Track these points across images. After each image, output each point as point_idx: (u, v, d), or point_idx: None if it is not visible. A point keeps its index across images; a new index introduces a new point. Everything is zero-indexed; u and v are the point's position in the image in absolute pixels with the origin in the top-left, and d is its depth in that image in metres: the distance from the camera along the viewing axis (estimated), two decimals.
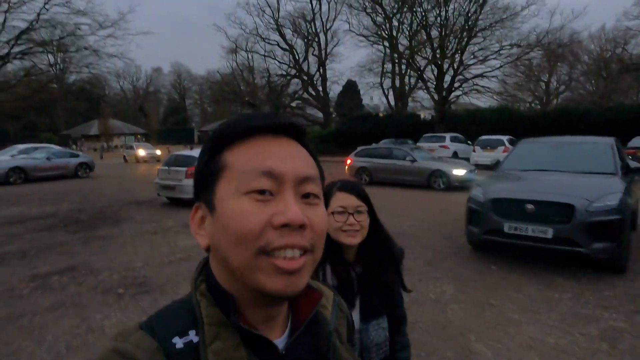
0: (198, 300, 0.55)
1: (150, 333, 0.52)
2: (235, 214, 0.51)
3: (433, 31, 26.45)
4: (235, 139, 0.55)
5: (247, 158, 0.53)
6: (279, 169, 0.52)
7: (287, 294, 0.52)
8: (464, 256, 5.63)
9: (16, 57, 11.81)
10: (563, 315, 3.82)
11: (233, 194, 0.52)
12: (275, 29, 34.83)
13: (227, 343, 0.52)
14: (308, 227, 0.53)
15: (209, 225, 0.55)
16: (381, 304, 1.33)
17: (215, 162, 0.55)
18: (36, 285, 4.81)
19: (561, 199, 4.65)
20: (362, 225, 1.28)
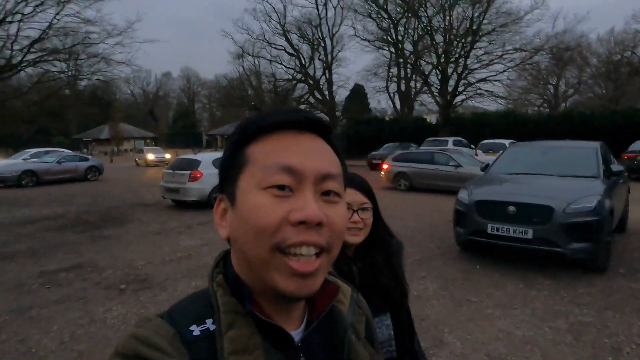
0: (215, 290, 0.56)
1: (169, 321, 0.53)
2: (254, 207, 0.52)
3: (437, 36, 26.64)
4: (260, 134, 0.56)
5: (270, 153, 0.54)
6: (300, 165, 0.53)
7: (300, 295, 0.53)
8: (451, 256, 5.85)
9: (29, 65, 12.28)
10: (536, 310, 4.03)
11: (254, 188, 0.53)
12: (282, 34, 35.25)
13: (243, 331, 0.52)
14: (326, 226, 0.53)
15: (230, 218, 0.56)
16: (383, 301, 1.30)
17: (239, 156, 0.56)
18: (44, 281, 5.13)
19: (540, 201, 4.86)
20: (366, 223, 1.26)
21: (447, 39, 25.76)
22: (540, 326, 3.71)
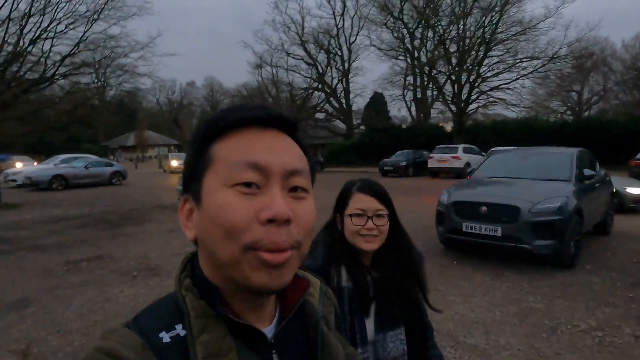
0: (183, 294, 0.54)
1: (136, 330, 0.52)
2: (221, 207, 0.50)
3: (452, 45, 26.99)
4: (224, 131, 0.54)
5: (235, 150, 0.53)
6: (266, 161, 0.52)
7: (271, 287, 0.52)
8: (433, 253, 6.31)
9: (61, 78, 13.40)
10: (494, 298, 4.49)
11: (220, 186, 0.51)
12: (300, 44, 36.24)
13: (215, 334, 0.51)
14: (294, 222, 0.52)
15: (196, 218, 0.55)
16: (399, 313, 1.23)
17: (203, 154, 0.54)
18: (68, 268, 5.87)
19: (508, 202, 5.31)
20: (382, 230, 1.21)
21: (461, 47, 26.07)
22: (492, 310, 4.18)
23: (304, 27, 36.36)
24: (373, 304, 1.23)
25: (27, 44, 11.94)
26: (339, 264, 1.23)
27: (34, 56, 12.45)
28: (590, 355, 3.27)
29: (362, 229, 1.20)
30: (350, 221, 1.22)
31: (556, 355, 3.29)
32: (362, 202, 1.22)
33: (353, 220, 1.22)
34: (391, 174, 20.99)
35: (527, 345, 3.44)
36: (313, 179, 0.60)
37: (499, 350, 3.39)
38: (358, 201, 1.23)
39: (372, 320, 1.22)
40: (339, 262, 1.24)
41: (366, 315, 1.21)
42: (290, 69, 36.77)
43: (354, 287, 1.21)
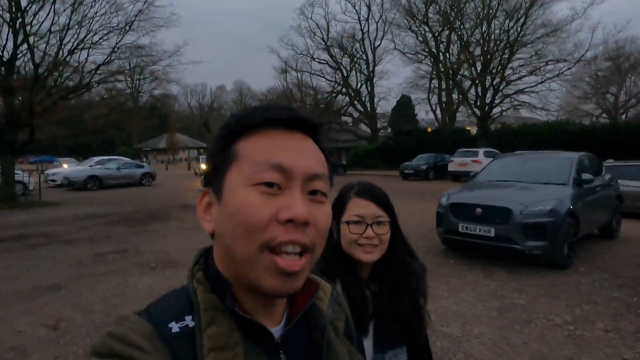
0: (194, 287, 0.55)
1: (147, 318, 0.53)
2: (243, 204, 0.51)
3: (476, 49, 26.85)
4: (250, 130, 0.55)
5: (260, 150, 0.54)
6: (289, 164, 0.53)
7: (283, 293, 0.53)
8: (434, 253, 6.58)
9: (96, 85, 14.41)
10: (480, 294, 4.75)
11: (242, 184, 0.52)
12: (325, 48, 36.78)
13: (223, 328, 0.52)
14: (312, 225, 0.53)
15: (216, 212, 0.56)
16: (400, 331, 1.14)
17: (228, 151, 0.55)
18: (96, 259, 6.50)
19: (501, 204, 5.54)
20: (382, 239, 1.11)
21: (485, 50, 25.90)
22: (475, 305, 4.45)
23: (329, 31, 36.92)
24: (372, 322, 1.12)
25: (65, 54, 12.99)
26: (333, 277, 1.12)
27: (72, 65, 13.51)
28: (556, 346, 3.51)
29: (360, 238, 1.09)
30: (348, 229, 1.11)
31: (523, 344, 3.56)
32: (361, 208, 1.11)
33: (350, 227, 1.11)
34: (412, 177, 21.14)
35: (499, 335, 3.72)
36: (331, 182, 0.60)
37: (470, 339, 3.68)
38: (356, 207, 1.12)
39: (371, 340, 1.10)
40: (333, 274, 1.12)
41: (364, 334, 1.09)
42: (315, 74, 37.40)
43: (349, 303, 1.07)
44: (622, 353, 3.37)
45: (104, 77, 14.16)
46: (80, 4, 12.69)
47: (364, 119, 38.28)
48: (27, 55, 12.57)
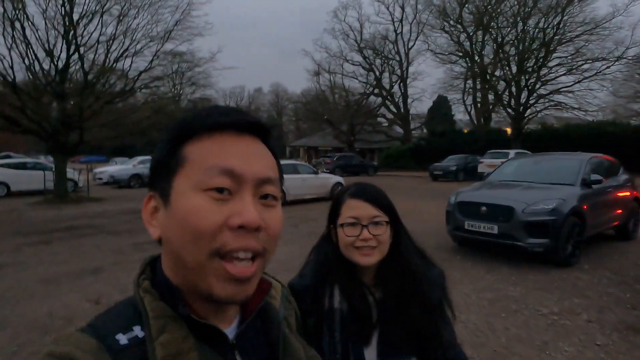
0: (142, 296, 0.54)
1: (91, 333, 0.51)
2: (192, 210, 0.50)
3: (511, 48, 26.37)
4: (198, 133, 0.54)
5: (209, 154, 0.52)
6: (240, 169, 0.52)
7: (235, 300, 0.53)
8: (444, 249, 6.87)
9: (139, 90, 15.59)
10: (478, 287, 5.05)
11: (191, 189, 0.51)
12: (358, 50, 37.12)
13: (175, 334, 0.51)
14: (263, 230, 0.52)
15: (163, 217, 0.54)
16: (407, 342, 1.05)
17: (175, 154, 0.54)
18: (134, 248, 7.26)
19: (504, 202, 5.79)
20: (380, 240, 1.05)
21: (520, 50, 25.40)
22: (470, 295, 4.77)
23: (362, 33, 37.22)
24: (376, 331, 1.04)
25: (111, 62, 14.16)
26: (333, 282, 1.08)
27: (117, 72, 14.68)
28: (535, 332, 3.80)
29: (357, 240, 1.04)
30: (343, 232, 1.07)
31: (504, 329, 3.87)
32: (355, 209, 1.06)
33: (346, 230, 1.06)
34: (441, 178, 21.12)
35: (483, 321, 4.04)
36: (282, 185, 0.59)
37: (456, 323, 4.00)
38: (351, 208, 1.07)
39: (374, 350, 1.03)
40: (332, 279, 1.08)
41: (366, 344, 1.03)
42: (348, 75, 37.82)
43: (349, 310, 1.04)
44: (595, 340, 3.63)
45: (146, 82, 15.28)
46: (125, 16, 13.84)
47: (397, 120, 38.31)
48: (77, 64, 13.84)
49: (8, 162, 17.24)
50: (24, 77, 13.95)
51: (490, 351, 3.47)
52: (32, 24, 12.80)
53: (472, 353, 3.43)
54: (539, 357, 3.35)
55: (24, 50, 12.82)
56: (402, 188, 18.56)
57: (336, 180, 14.52)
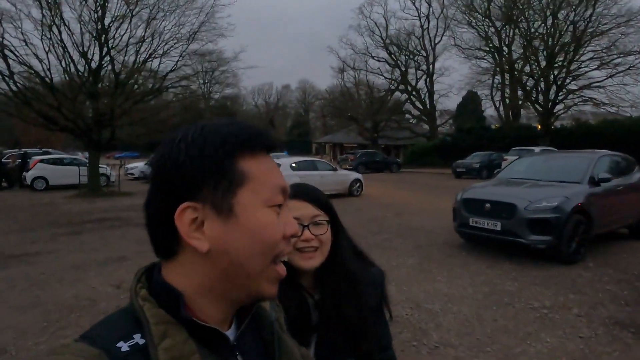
0: (141, 304, 0.55)
1: (89, 342, 0.51)
2: (265, 225, 0.55)
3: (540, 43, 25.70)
4: (253, 150, 0.57)
5: (267, 173, 0.57)
6: (287, 186, 0.60)
7: (275, 296, 0.60)
8: (452, 245, 7.01)
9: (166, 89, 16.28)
10: (476, 281, 5.20)
11: (260, 204, 0.55)
12: (383, 47, 37.00)
13: (177, 339, 0.52)
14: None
15: (221, 230, 0.54)
16: (344, 344, 1.05)
17: (231, 168, 0.55)
18: None
19: (507, 200, 5.89)
20: (322, 239, 1.04)
21: (550, 45, 24.72)
22: (466, 288, 4.93)
23: (388, 29, 37.05)
24: (315, 334, 1.05)
25: (140, 63, 14.87)
26: None
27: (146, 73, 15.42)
28: (522, 324, 3.95)
29: (298, 241, 1.03)
30: None
31: (493, 320, 4.04)
32: (296, 210, 1.03)
33: None
34: (464, 175, 20.94)
35: (474, 313, 4.22)
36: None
37: (447, 314, 4.22)
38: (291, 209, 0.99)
39: (311, 352, 1.04)
40: None
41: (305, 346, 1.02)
42: (373, 72, 37.78)
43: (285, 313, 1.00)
44: (580, 333, 3.75)
45: (173, 82, 15.95)
46: (153, 19, 14.51)
47: (423, 116, 38.00)
48: (109, 66, 14.61)
49: (47, 158, 18.35)
50: (61, 79, 14.88)
51: (473, 340, 3.66)
52: (68, 29, 13.66)
53: (456, 341, 3.64)
54: (519, 347, 3.51)
55: (61, 53, 13.72)
56: (422, 185, 18.59)
57: (355, 177, 14.72)
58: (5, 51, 12.67)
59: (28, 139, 36.88)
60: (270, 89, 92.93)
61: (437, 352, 3.46)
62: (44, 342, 3.69)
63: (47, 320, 4.16)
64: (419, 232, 8.13)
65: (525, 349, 3.47)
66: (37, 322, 4.13)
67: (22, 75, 13.74)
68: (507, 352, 3.42)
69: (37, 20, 12.99)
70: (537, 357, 3.35)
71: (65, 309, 4.46)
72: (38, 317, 4.26)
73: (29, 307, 4.53)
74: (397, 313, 4.23)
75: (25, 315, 4.29)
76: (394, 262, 6.08)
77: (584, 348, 3.48)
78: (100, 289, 5.08)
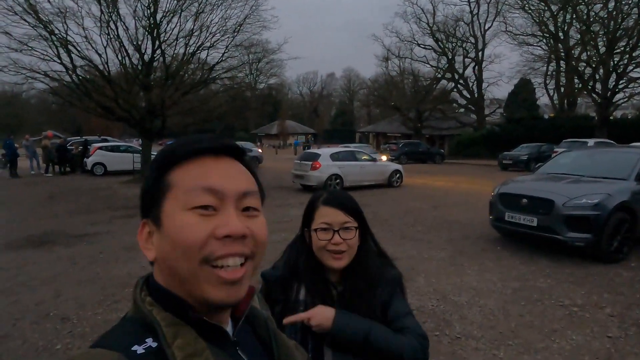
0: (149, 309, 0.58)
1: (107, 348, 0.53)
2: (181, 227, 0.56)
3: (600, 28, 24.05)
4: (180, 160, 0.60)
5: (191, 177, 0.58)
6: (220, 186, 0.58)
7: (229, 302, 0.59)
8: (487, 239, 6.96)
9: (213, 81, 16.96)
10: (507, 276, 5.19)
11: (178, 209, 0.57)
12: (430, 34, 36.03)
13: (188, 338, 0.56)
14: (249, 237, 0.59)
15: (157, 240, 0.59)
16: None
17: (162, 182, 0.60)
18: None
19: (545, 195, 5.77)
20: (350, 244, 1.18)
21: (611, 29, 23.06)
22: (496, 283, 4.95)
23: (435, 16, 36.00)
24: None
25: (189, 56, 15.58)
26: (301, 278, 1.22)
27: (194, 64, 16.12)
28: (549, 320, 3.96)
29: (328, 244, 1.17)
30: (316, 236, 1.19)
31: (519, 316, 4.07)
32: (328, 216, 1.19)
33: (319, 234, 1.18)
34: (511, 168, 20.23)
35: (500, 307, 4.27)
36: (262, 198, 0.66)
37: (473, 307, 4.29)
38: (323, 215, 1.20)
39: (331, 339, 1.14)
40: (301, 276, 1.23)
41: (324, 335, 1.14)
42: (418, 60, 36.96)
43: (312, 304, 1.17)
44: (608, 332, 3.71)
45: (219, 73, 16.57)
46: (201, 12, 15.12)
47: (470, 105, 36.79)
48: (160, 58, 15.42)
49: (105, 146, 19.70)
50: (117, 71, 15.88)
51: (496, 333, 3.73)
52: (124, 24, 14.55)
53: (478, 333, 3.73)
54: (542, 343, 3.55)
55: (117, 47, 14.64)
56: (465, 177, 18.17)
57: (395, 167, 14.68)
58: (69, 46, 13.69)
59: (89, 127, 39.51)
60: (315, 77, 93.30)
61: (458, 343, 3.57)
62: (100, 313, 4.17)
63: (104, 294, 4.66)
64: (454, 225, 8.11)
65: (548, 345, 3.51)
66: (95, 295, 4.64)
67: (83, 69, 14.85)
68: (528, 347, 3.47)
69: (96, 17, 13.93)
70: (559, 353, 3.38)
71: (120, 285, 4.96)
72: (96, 291, 4.77)
73: (88, 282, 5.08)
74: (422, 304, 4.37)
75: (85, 289, 4.83)
76: (425, 254, 6.16)
77: (611, 347, 3.46)
78: (149, 269, 5.53)
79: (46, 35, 13.25)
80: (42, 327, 3.88)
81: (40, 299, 4.52)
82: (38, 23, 12.98)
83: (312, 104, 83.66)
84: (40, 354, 3.40)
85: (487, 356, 3.35)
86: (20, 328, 3.85)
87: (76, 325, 3.91)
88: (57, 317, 4.07)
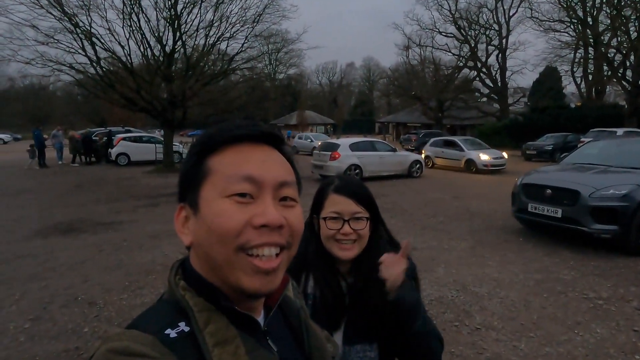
0: (183, 294, 0.58)
1: (142, 330, 0.54)
2: (218, 214, 0.55)
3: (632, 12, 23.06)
4: (219, 146, 0.60)
5: (230, 164, 0.58)
6: (259, 175, 0.57)
7: (263, 292, 0.58)
8: (509, 230, 6.85)
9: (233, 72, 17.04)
10: (529, 268, 5.10)
11: (217, 196, 0.57)
12: (452, 21, 35.23)
13: (219, 325, 0.56)
14: (286, 227, 0.58)
15: (193, 225, 0.59)
16: (371, 328, 1.11)
17: (200, 167, 0.60)
18: None
19: (570, 186, 5.63)
20: (360, 234, 1.10)
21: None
22: (518, 275, 4.88)
23: (458, 2, 35.14)
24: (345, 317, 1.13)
25: (209, 47, 15.68)
26: (309, 269, 1.16)
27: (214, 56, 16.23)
28: (572, 313, 3.89)
29: (337, 234, 1.10)
30: (325, 225, 1.12)
31: (541, 307, 4.01)
32: (338, 205, 1.12)
33: (328, 223, 1.12)
34: (535, 158, 19.75)
35: (521, 298, 4.21)
36: (300, 189, 0.65)
37: (493, 298, 4.25)
38: (333, 203, 1.13)
39: (341, 334, 1.11)
40: (310, 267, 1.16)
41: (335, 329, 1.11)
42: (440, 48, 36.24)
43: (320, 297, 1.12)
44: (635, 326, 3.62)
45: (239, 64, 16.65)
46: (221, 3, 15.17)
47: (493, 94, 35.96)
48: (181, 50, 15.56)
49: (128, 136, 20.09)
50: (139, 62, 16.13)
51: (517, 324, 3.69)
52: (146, 16, 14.73)
53: (499, 324, 3.69)
54: (565, 335, 3.49)
55: (139, 39, 14.85)
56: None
57: (414, 158, 14.54)
58: (93, 39, 13.96)
59: (112, 118, 40.32)
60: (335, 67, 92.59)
61: (478, 334, 3.54)
62: (125, 299, 4.29)
63: (129, 280, 4.80)
64: (476, 215, 8.00)
65: (571, 337, 3.45)
66: (120, 281, 4.78)
67: (107, 61, 15.12)
68: (550, 339, 3.42)
69: (119, 9, 14.14)
70: (582, 346, 3.32)
71: (144, 271, 5.09)
72: (121, 277, 4.92)
73: (114, 268, 5.24)
74: (442, 294, 4.35)
75: (111, 275, 4.98)
76: (446, 245, 6.11)
77: (637, 341, 3.37)
78: (172, 256, 5.68)
79: (71, 28, 13.55)
80: (71, 310, 4.03)
81: (69, 284, 4.69)
82: (63, 16, 13.26)
83: (332, 94, 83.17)
84: (70, 336, 3.54)
85: (508, 347, 3.32)
86: (50, 311, 4.01)
87: (103, 310, 4.04)
88: (85, 302, 4.22)
